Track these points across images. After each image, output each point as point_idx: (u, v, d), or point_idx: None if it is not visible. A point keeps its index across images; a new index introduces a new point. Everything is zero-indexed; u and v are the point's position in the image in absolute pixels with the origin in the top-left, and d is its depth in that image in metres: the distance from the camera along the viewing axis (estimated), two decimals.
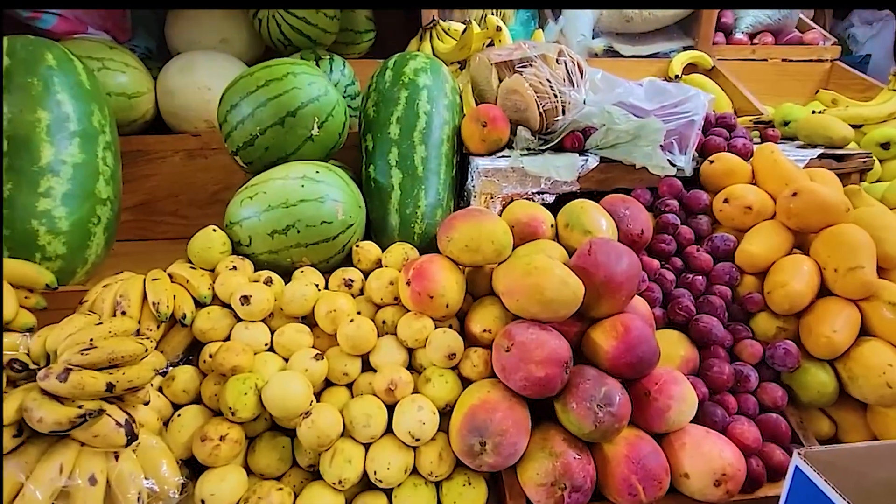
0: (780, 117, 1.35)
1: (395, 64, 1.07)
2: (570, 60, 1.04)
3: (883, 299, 0.83)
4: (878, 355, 0.79)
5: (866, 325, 0.84)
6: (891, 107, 1.33)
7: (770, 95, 1.72)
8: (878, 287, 0.84)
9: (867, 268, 0.83)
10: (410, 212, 0.98)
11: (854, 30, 4.07)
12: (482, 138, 1.02)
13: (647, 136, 0.98)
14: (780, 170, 1.00)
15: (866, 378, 0.78)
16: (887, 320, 0.82)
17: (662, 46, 1.70)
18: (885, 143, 1.29)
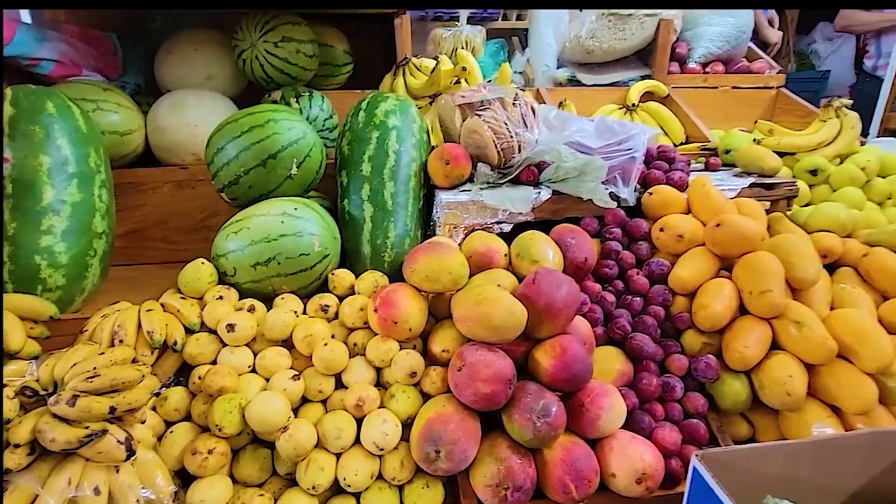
0: (723, 146, 1.48)
1: (368, 105, 1.18)
2: (525, 104, 1.16)
3: (790, 318, 0.95)
4: (782, 368, 0.92)
5: (776, 340, 0.96)
6: (820, 136, 1.47)
7: (721, 120, 1.87)
8: (785, 307, 0.96)
9: (775, 291, 0.95)
10: (381, 242, 1.09)
11: (816, 45, 4.28)
12: (445, 174, 1.14)
13: (592, 173, 1.10)
14: (710, 201, 1.13)
15: (771, 388, 0.91)
16: (793, 336, 0.94)
17: (621, 76, 1.83)
18: (813, 171, 1.42)
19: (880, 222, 1.31)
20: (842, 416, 0.92)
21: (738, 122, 1.87)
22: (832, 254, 1.17)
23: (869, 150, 1.47)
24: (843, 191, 1.39)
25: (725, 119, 1.86)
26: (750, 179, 1.28)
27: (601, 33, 1.71)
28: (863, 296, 1.06)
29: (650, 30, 1.75)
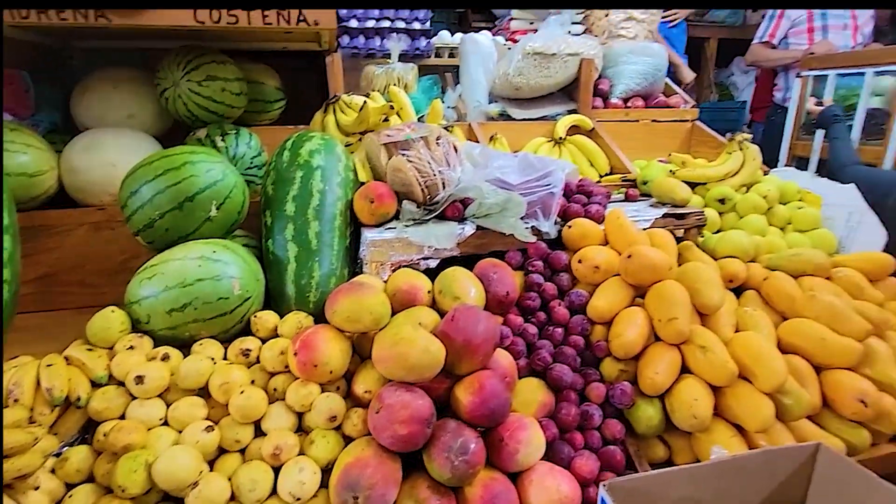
0: (641, 177, 1.58)
1: (293, 145, 1.19)
2: (448, 143, 1.20)
3: (696, 343, 1.01)
4: (688, 391, 0.97)
5: (685, 364, 1.02)
6: (726, 168, 1.58)
7: (644, 150, 1.98)
8: (691, 333, 1.02)
9: (681, 318, 1.01)
10: (305, 282, 1.08)
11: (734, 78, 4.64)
12: (371, 213, 1.15)
13: (512, 209, 1.14)
14: (624, 233, 1.19)
15: (680, 411, 0.96)
16: (699, 360, 1.00)
17: (549, 110, 1.92)
18: (721, 199, 1.53)
19: (780, 247, 1.42)
20: (745, 435, 0.98)
21: (659, 152, 1.99)
22: (737, 278, 1.26)
23: (770, 180, 1.59)
24: (748, 218, 1.50)
25: (647, 149, 1.98)
26: (664, 210, 1.36)
27: (528, 71, 1.80)
28: (763, 318, 1.14)
29: (573, 68, 1.86)
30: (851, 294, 1.25)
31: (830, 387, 1.03)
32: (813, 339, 1.07)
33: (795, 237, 1.47)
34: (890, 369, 1.05)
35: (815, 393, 1.03)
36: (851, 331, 1.06)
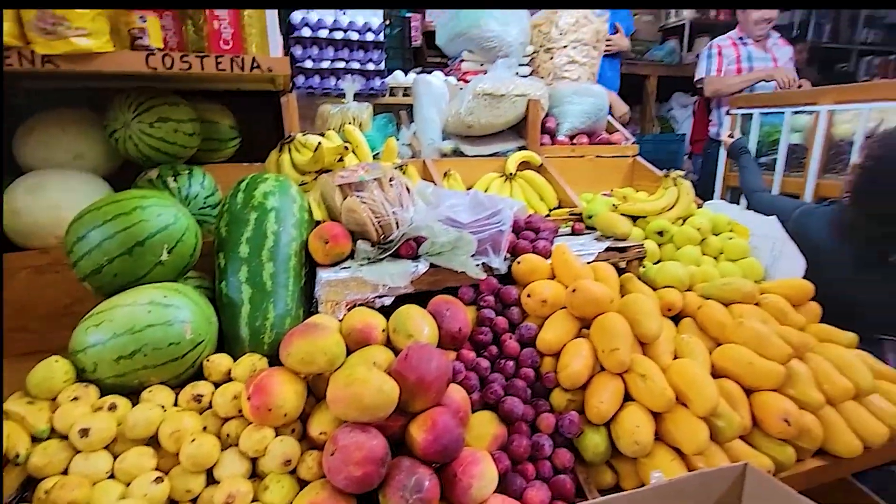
0: (587, 211, 1.67)
1: (247, 187, 1.20)
2: (401, 184, 1.25)
3: (637, 372, 1.08)
4: (631, 418, 1.03)
5: (628, 392, 1.08)
6: (664, 202, 1.70)
7: (590, 184, 2.09)
8: (632, 362, 1.09)
9: (622, 349, 1.08)
10: (260, 324, 1.09)
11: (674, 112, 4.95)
12: (325, 253, 1.18)
13: (463, 247, 1.19)
14: (570, 267, 1.26)
15: (623, 437, 1.01)
16: (640, 388, 1.06)
17: (500, 147, 2.01)
18: (660, 232, 1.64)
19: (714, 276, 1.53)
20: (685, 458, 1.04)
21: (604, 185, 2.11)
22: (674, 307, 1.35)
23: (703, 213, 1.72)
24: (684, 249, 1.60)
25: (593, 183, 2.10)
26: (607, 243, 1.45)
27: (479, 110, 1.89)
28: (699, 344, 1.22)
29: (522, 107, 1.96)
30: (776, 318, 1.36)
31: (758, 408, 1.12)
32: (742, 363, 1.16)
33: (727, 266, 1.59)
34: (810, 389, 1.14)
35: (746, 414, 1.11)
36: (775, 354, 1.16)
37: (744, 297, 1.36)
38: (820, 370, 1.19)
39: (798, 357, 1.20)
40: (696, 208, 1.77)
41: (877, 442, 1.14)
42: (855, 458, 1.13)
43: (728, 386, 1.14)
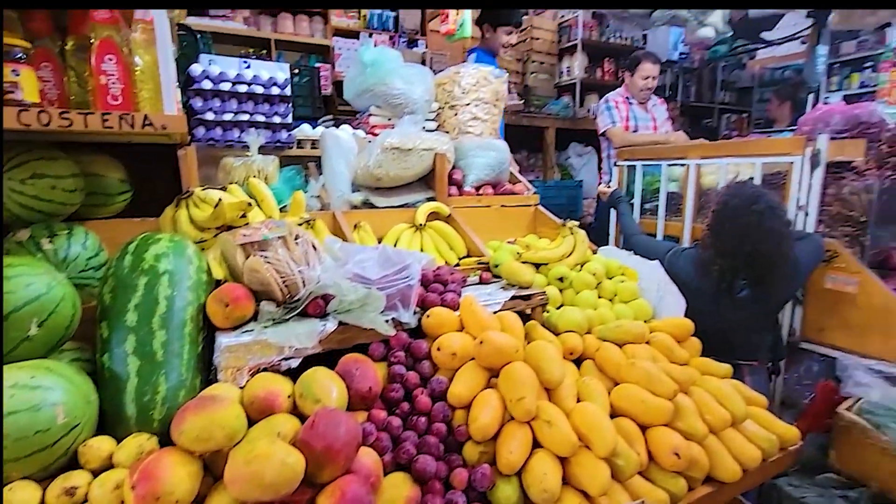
0: (493, 261, 1.74)
1: (136, 248, 1.12)
2: (306, 242, 1.23)
3: (542, 419, 1.12)
4: (539, 466, 1.06)
5: (536, 439, 1.12)
6: (563, 249, 1.83)
7: (496, 232, 2.19)
8: (538, 410, 1.13)
9: (528, 397, 1.12)
10: (149, 399, 1.00)
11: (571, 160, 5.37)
12: (226, 316, 1.12)
13: (372, 304, 1.19)
14: (477, 318, 1.30)
15: (533, 486, 1.04)
16: (546, 435, 1.11)
17: (410, 198, 2.06)
18: (560, 278, 1.75)
19: (609, 318, 1.65)
20: (591, 500, 1.08)
21: (509, 233, 2.23)
22: (575, 351, 1.43)
23: (597, 259, 1.87)
24: (582, 293, 1.72)
25: (499, 231, 2.20)
26: (512, 292, 1.52)
27: (387, 164, 1.93)
28: (598, 386, 1.31)
29: (429, 160, 2.04)
30: (664, 354, 1.49)
31: (652, 443, 1.20)
32: (636, 401, 1.25)
33: (620, 308, 1.72)
34: (695, 421, 1.25)
35: (642, 450, 1.19)
36: (664, 391, 1.26)
37: (635, 337, 1.48)
38: (702, 402, 1.31)
39: (684, 391, 1.32)
40: (591, 254, 1.92)
41: (753, 465, 1.26)
42: (736, 481, 1.24)
43: (625, 425, 1.22)
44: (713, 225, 1.77)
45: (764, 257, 1.67)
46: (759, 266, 1.68)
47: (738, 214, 1.68)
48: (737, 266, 1.71)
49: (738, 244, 1.68)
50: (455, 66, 2.35)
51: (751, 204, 1.67)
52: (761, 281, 1.72)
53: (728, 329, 1.77)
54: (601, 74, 5.27)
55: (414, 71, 2.13)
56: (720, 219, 1.74)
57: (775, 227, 1.67)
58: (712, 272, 1.76)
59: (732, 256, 1.70)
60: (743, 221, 1.67)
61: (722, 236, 1.72)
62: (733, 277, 1.73)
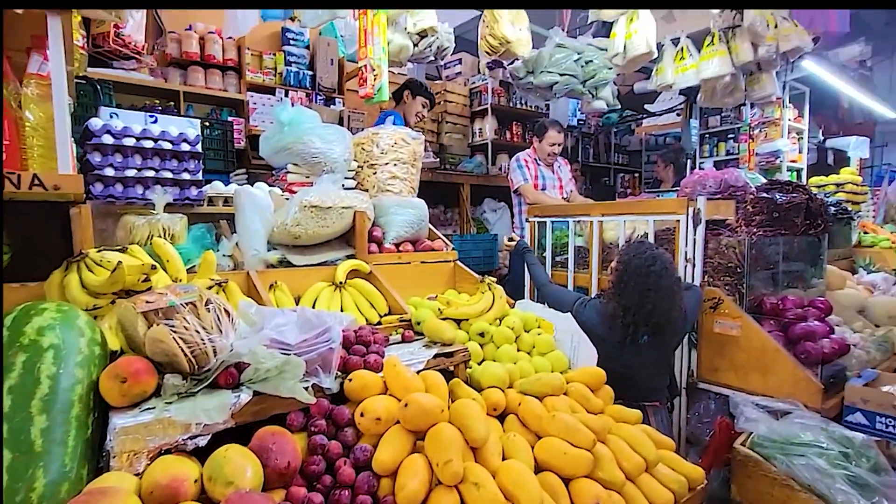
0: (415, 318, 1.74)
1: (14, 322, 1.00)
2: (218, 307, 1.16)
3: (470, 481, 1.11)
4: None
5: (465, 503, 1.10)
6: (482, 305, 1.88)
7: (417, 288, 2.21)
8: (466, 471, 1.12)
9: (455, 459, 1.11)
10: (22, 498, 0.86)
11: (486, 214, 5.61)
12: (122, 393, 1.01)
13: (291, 371, 1.14)
14: (401, 380, 1.28)
15: None
16: (475, 497, 1.09)
17: (329, 256, 2.03)
18: (481, 333, 1.79)
19: (529, 371, 1.70)
20: None
21: (430, 289, 2.25)
22: (499, 406, 1.45)
23: (514, 313, 1.94)
24: (503, 348, 1.77)
25: (420, 287, 2.22)
26: (435, 350, 1.52)
27: (305, 222, 1.90)
28: (522, 441, 1.32)
29: (349, 218, 2.03)
30: (581, 404, 1.55)
31: (576, 495, 1.23)
32: (558, 454, 1.28)
33: (539, 360, 1.78)
34: (613, 469, 1.30)
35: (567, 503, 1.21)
36: (583, 441, 1.30)
37: (553, 389, 1.53)
38: (619, 450, 1.37)
39: (601, 440, 1.38)
40: (508, 308, 1.98)
41: None
42: None
43: (549, 479, 1.24)
44: (616, 282, 1.94)
45: (662, 311, 1.86)
46: (657, 318, 1.87)
47: (639, 274, 1.88)
48: (638, 319, 1.87)
49: (638, 301, 1.86)
50: (374, 127, 2.42)
51: (649, 265, 1.87)
52: (659, 331, 1.89)
53: (631, 373, 1.91)
54: (510, 136, 5.66)
55: (332, 130, 2.16)
56: (623, 278, 1.92)
57: (670, 285, 1.88)
58: (617, 323, 1.90)
59: (635, 311, 1.87)
60: (643, 281, 1.86)
61: (625, 293, 1.90)
62: (636, 328, 1.88)
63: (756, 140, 4.75)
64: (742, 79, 3.41)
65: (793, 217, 2.62)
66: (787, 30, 3.06)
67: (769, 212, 2.57)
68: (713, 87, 3.43)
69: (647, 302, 1.84)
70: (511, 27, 2.67)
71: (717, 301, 2.29)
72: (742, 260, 2.38)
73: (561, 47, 3.14)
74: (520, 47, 2.70)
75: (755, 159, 4.71)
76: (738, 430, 1.96)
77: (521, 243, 2.71)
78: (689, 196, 2.57)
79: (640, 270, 1.87)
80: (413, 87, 3.34)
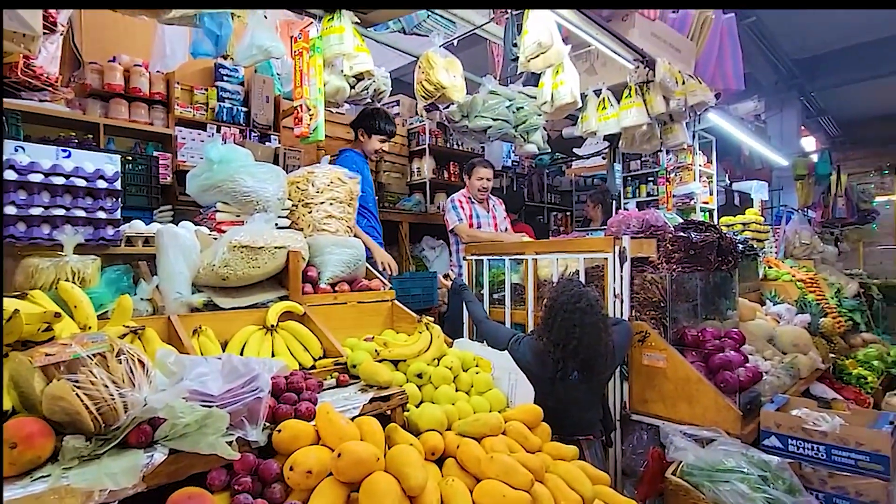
0: (351, 361, 1.69)
1: None
2: (130, 358, 1.07)
3: None
4: None
5: None
6: (419, 345, 1.86)
7: (353, 329, 2.15)
8: None
9: None
10: None
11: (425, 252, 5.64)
12: (11, 462, 0.89)
13: (213, 425, 1.06)
14: (335, 428, 1.23)
15: None
16: None
17: (260, 297, 1.94)
18: (419, 374, 1.76)
19: (468, 411, 1.68)
20: None
21: (367, 329, 2.20)
22: (437, 450, 1.42)
23: (452, 352, 1.93)
24: (441, 388, 1.74)
25: (356, 328, 2.17)
26: (371, 394, 1.48)
27: (235, 263, 1.82)
28: (461, 486, 1.29)
29: (281, 259, 1.97)
30: (520, 442, 1.55)
31: None
32: (497, 496, 1.26)
33: (477, 400, 1.77)
34: None
35: None
36: (521, 482, 1.30)
37: (491, 429, 1.52)
38: (557, 488, 1.38)
39: (539, 479, 1.37)
40: (446, 348, 1.98)
41: None
42: None
43: None
44: (546, 319, 2.00)
45: (588, 347, 1.93)
46: (584, 354, 1.93)
47: (566, 311, 1.94)
48: (567, 355, 1.92)
49: (566, 337, 1.92)
50: (309, 166, 2.39)
51: (575, 303, 1.93)
52: (588, 366, 1.95)
53: (564, 408, 1.94)
54: (448, 175, 5.79)
55: (266, 169, 2.11)
56: (551, 315, 1.98)
57: (596, 322, 1.95)
58: (548, 360, 1.95)
59: (563, 347, 1.92)
60: (569, 318, 1.92)
61: (554, 330, 1.96)
62: (565, 364, 1.93)
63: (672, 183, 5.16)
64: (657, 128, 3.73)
65: (707, 254, 2.83)
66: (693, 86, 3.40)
67: (686, 249, 2.77)
68: (633, 135, 3.72)
69: (574, 338, 1.90)
70: (446, 74, 2.77)
71: (644, 334, 2.40)
72: (664, 294, 2.53)
73: (494, 94, 3.29)
74: (454, 93, 2.80)
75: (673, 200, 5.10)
76: (669, 460, 2.03)
77: (457, 281, 2.73)
78: (615, 235, 2.72)
79: (566, 307, 1.93)
80: (367, 124, 3.24)
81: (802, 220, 6.48)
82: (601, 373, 2.06)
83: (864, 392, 3.46)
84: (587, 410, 2.08)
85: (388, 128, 3.23)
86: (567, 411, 1.95)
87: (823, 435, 2.07)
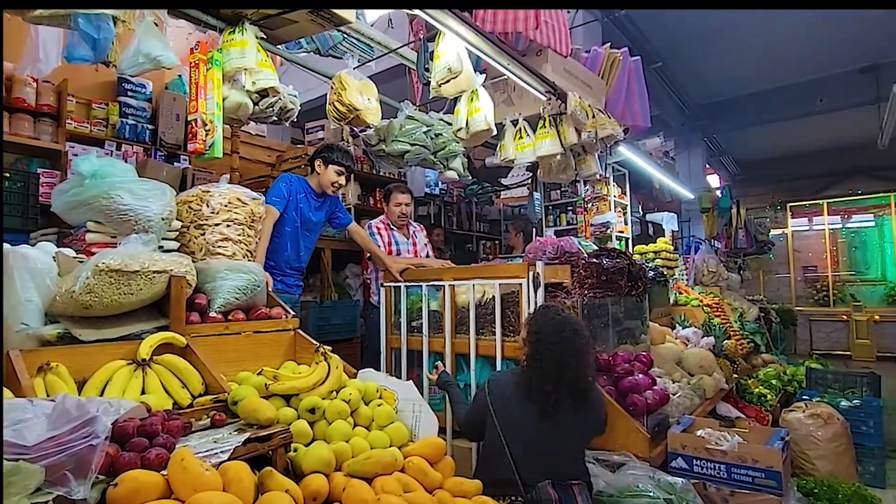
0: (232, 398, 1.51)
1: None
2: None
3: None
4: None
5: None
6: (315, 377, 1.71)
7: (248, 362, 1.96)
8: None
9: None
10: None
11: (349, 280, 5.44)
12: None
13: (19, 483, 0.86)
14: (191, 477, 1.06)
15: None
16: None
17: (133, 328, 1.72)
18: (311, 409, 1.61)
19: (364, 448, 1.54)
20: None
21: (265, 362, 2.01)
22: (320, 495, 1.27)
23: (353, 383, 1.80)
24: (335, 424, 1.60)
25: (252, 360, 1.98)
26: (247, 434, 1.31)
27: (101, 289, 1.60)
28: None
29: (161, 284, 1.77)
30: (419, 479, 1.44)
31: None
32: None
33: (377, 435, 1.64)
34: None
35: None
36: None
37: (385, 467, 1.40)
38: None
39: None
40: (347, 379, 1.84)
41: None
42: None
43: None
44: (533, 354, 1.86)
45: (583, 376, 1.84)
46: (579, 385, 1.83)
47: (553, 342, 1.82)
48: (560, 387, 1.81)
49: (559, 368, 1.80)
50: (204, 185, 2.21)
51: (560, 331, 1.84)
52: (583, 398, 1.86)
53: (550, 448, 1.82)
54: (373, 202, 5.69)
55: (149, 186, 1.92)
56: (535, 346, 1.85)
57: (584, 346, 1.86)
58: (535, 394, 1.82)
59: (557, 380, 1.81)
60: (559, 349, 1.81)
61: (541, 361, 1.83)
62: (557, 400, 1.82)
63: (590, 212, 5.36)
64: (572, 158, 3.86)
65: (617, 280, 2.91)
66: (603, 120, 3.56)
67: (598, 275, 2.82)
68: (549, 165, 3.82)
69: (568, 368, 1.80)
70: (359, 96, 2.71)
71: None
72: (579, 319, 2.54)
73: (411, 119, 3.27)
74: (368, 115, 2.74)
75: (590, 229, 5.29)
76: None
77: (444, 374, 2.48)
78: (530, 261, 2.73)
79: (552, 338, 1.83)
80: (324, 155, 3.08)
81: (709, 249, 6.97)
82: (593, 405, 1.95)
83: (764, 410, 3.65)
84: (576, 448, 1.93)
85: (345, 161, 3.10)
86: (553, 451, 1.82)
87: (724, 454, 2.11)
